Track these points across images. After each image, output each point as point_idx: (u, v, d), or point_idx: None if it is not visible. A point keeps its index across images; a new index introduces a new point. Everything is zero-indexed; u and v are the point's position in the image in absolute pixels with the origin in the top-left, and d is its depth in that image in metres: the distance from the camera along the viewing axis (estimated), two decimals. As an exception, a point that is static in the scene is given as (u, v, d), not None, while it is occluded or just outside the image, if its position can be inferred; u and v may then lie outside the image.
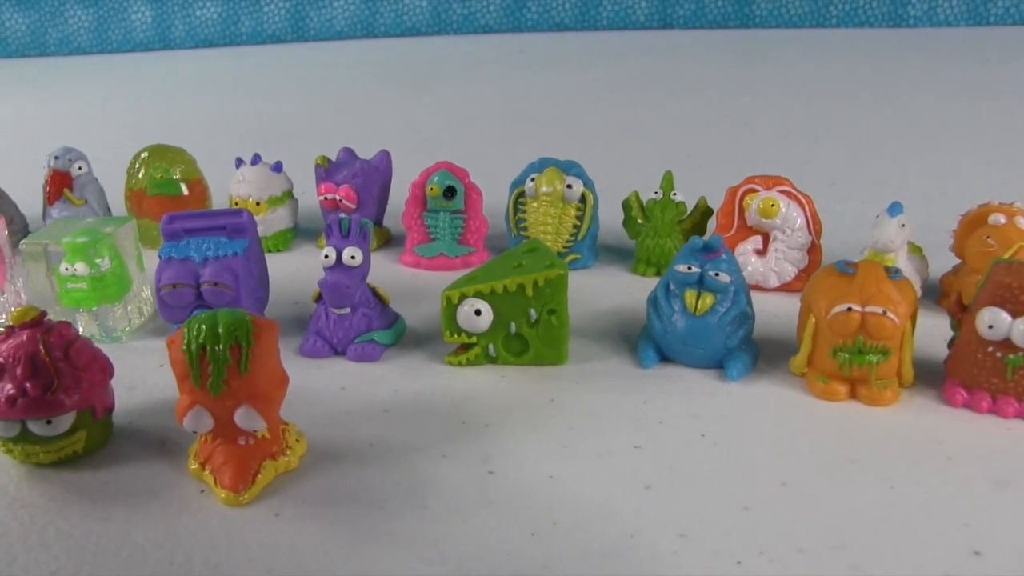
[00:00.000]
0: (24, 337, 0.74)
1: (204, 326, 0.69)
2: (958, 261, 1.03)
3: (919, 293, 1.00)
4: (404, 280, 1.14)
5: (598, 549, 0.64)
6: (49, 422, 0.74)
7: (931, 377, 0.85)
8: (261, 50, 3.25)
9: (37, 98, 2.71)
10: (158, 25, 3.28)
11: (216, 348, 0.68)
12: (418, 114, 2.26)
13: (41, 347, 0.74)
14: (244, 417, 0.70)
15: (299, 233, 1.30)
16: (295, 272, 1.17)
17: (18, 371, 0.73)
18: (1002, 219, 0.99)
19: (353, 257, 0.90)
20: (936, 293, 1.04)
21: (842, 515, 0.67)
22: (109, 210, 1.33)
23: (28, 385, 0.73)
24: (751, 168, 1.14)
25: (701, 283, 0.88)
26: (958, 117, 1.98)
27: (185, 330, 0.69)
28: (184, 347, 0.69)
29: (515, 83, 2.57)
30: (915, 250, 1.04)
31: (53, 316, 0.98)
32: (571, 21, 3.17)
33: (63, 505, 0.72)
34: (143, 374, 0.91)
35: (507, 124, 2.10)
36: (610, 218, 1.17)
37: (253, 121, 2.22)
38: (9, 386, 0.73)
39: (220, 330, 0.69)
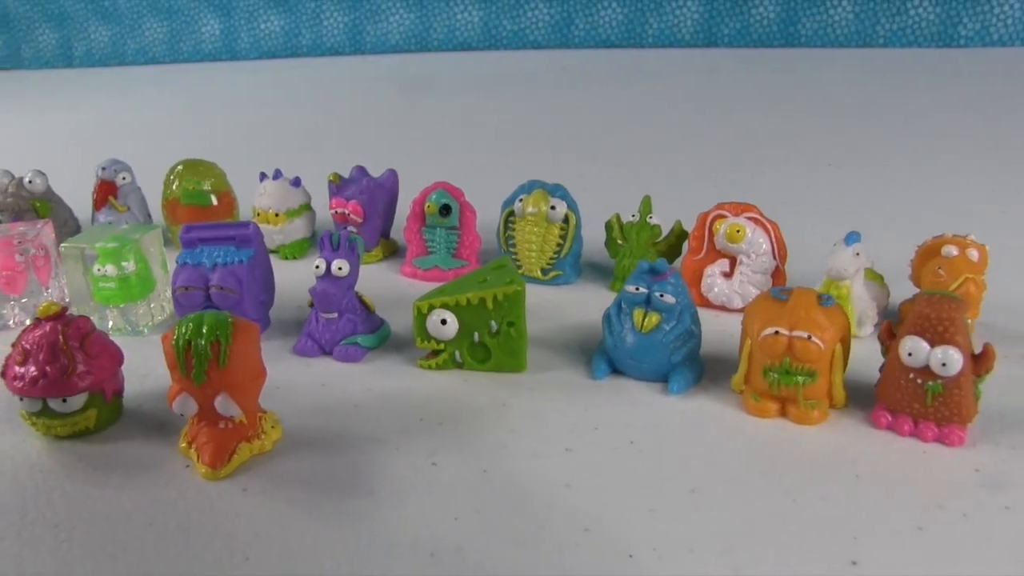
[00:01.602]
0: (47, 328, 0.87)
1: (191, 324, 0.80)
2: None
3: (875, 319, 1.07)
4: (401, 289, 1.24)
5: (510, 536, 0.73)
6: (65, 400, 0.86)
7: (868, 400, 0.91)
8: (320, 62, 3.41)
9: (114, 106, 2.90)
10: (225, 37, 3.46)
11: (199, 343, 0.79)
12: (450, 128, 2.37)
13: (60, 337, 0.86)
14: (222, 404, 0.81)
15: (315, 243, 1.41)
16: (306, 279, 1.27)
17: (40, 356, 0.86)
18: (954, 251, 1.04)
19: (340, 268, 1.01)
20: (896, 320, 1.10)
21: (737, 522, 0.74)
22: (150, 216, 1.47)
23: (48, 368, 0.85)
24: (769, 190, 1.19)
25: (648, 303, 0.96)
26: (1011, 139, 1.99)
27: (176, 327, 0.81)
28: (173, 342, 0.80)
29: (554, 99, 2.66)
30: (874, 277, 1.10)
31: (88, 311, 1.12)
32: (617, 38, 3.25)
33: (71, 472, 0.84)
34: (156, 365, 1.03)
35: (532, 141, 2.20)
36: (603, 237, 1.26)
37: (301, 131, 2.36)
38: (33, 369, 0.86)
39: (204, 328, 0.80)
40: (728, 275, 1.15)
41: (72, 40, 3.60)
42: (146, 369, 1.02)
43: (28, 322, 1.17)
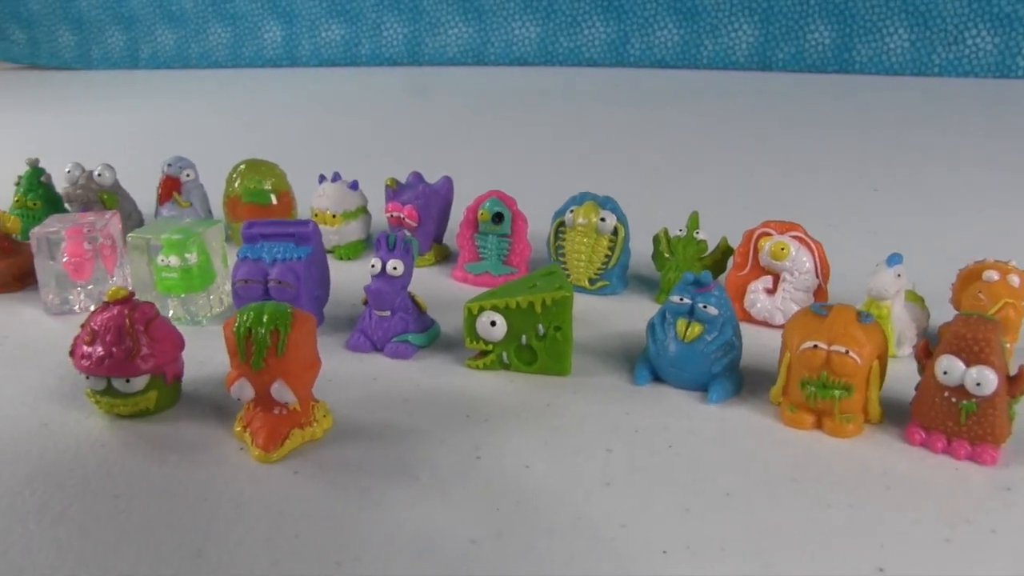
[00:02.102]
0: (115, 311, 0.92)
1: (252, 313, 0.84)
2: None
3: (914, 340, 1.09)
4: (452, 292, 1.28)
5: (549, 527, 0.76)
6: (128, 381, 0.91)
7: (903, 418, 0.92)
8: (378, 71, 3.48)
9: (176, 107, 2.99)
10: (287, 44, 3.55)
11: (259, 332, 0.83)
12: (504, 139, 2.41)
13: (127, 320, 0.91)
14: (277, 390, 0.85)
15: (370, 245, 1.46)
16: (361, 279, 1.31)
17: (107, 338, 0.90)
18: (995, 276, 1.06)
19: (395, 268, 1.05)
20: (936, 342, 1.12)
21: (769, 524, 0.77)
22: (211, 212, 1.52)
23: (114, 350, 0.90)
24: (815, 210, 1.20)
25: (692, 313, 0.99)
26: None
27: (237, 316, 0.85)
28: (234, 329, 0.84)
29: (607, 115, 2.69)
30: (915, 299, 1.12)
31: (149, 300, 1.17)
32: (673, 59, 3.28)
33: (132, 448, 0.89)
34: (214, 353, 1.08)
35: (584, 154, 2.23)
36: (650, 250, 1.29)
37: (358, 137, 2.42)
38: (100, 349, 0.90)
39: (264, 317, 0.84)
40: (771, 291, 1.17)
41: (139, 43, 3.71)
42: (204, 356, 1.07)
43: (92, 308, 1.23)
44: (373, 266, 1.06)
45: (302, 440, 0.88)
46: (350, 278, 1.31)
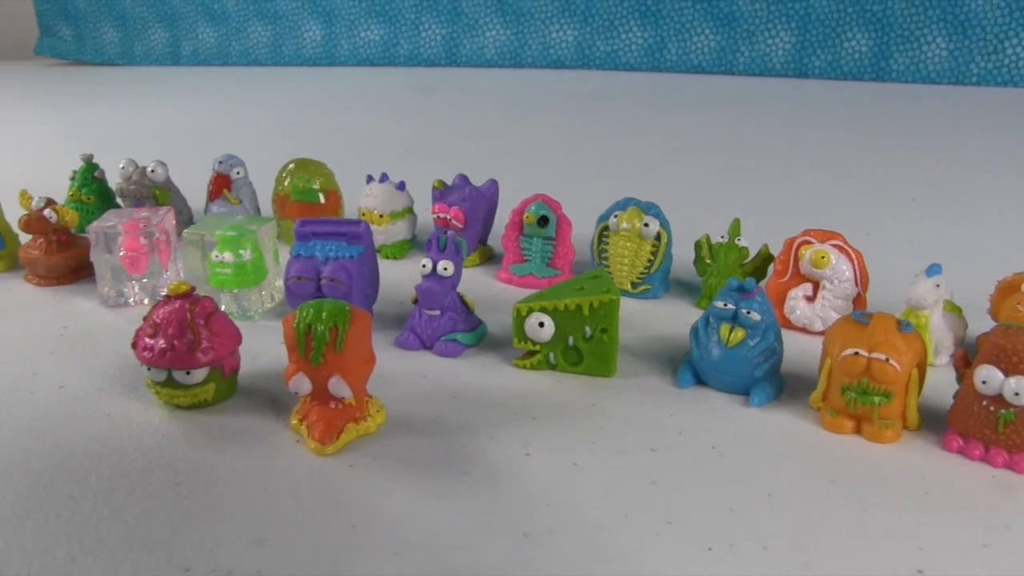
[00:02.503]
0: (176, 305, 0.95)
1: (311, 310, 0.88)
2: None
3: (951, 349, 1.10)
4: (496, 293, 1.31)
5: (599, 523, 0.79)
6: (188, 373, 0.94)
7: (940, 425, 0.94)
8: (416, 72, 3.51)
9: (215, 104, 3.04)
10: (326, 43, 3.59)
11: (318, 328, 0.86)
12: (542, 143, 2.43)
13: (188, 314, 0.95)
14: (335, 385, 0.88)
15: (416, 245, 1.49)
16: (407, 278, 1.35)
17: (169, 331, 0.94)
18: (1034, 287, 1.08)
19: (445, 269, 1.08)
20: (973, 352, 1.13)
21: (810, 524, 0.79)
22: (259, 209, 1.56)
23: (176, 342, 0.93)
24: (854, 220, 1.21)
25: (735, 319, 1.01)
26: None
27: (297, 312, 0.88)
28: (295, 324, 0.87)
29: (645, 120, 2.71)
30: (953, 309, 1.13)
31: (202, 294, 1.21)
32: (709, 65, 3.29)
33: (191, 438, 0.92)
34: (266, 348, 1.11)
35: (621, 159, 2.25)
36: (691, 256, 1.31)
37: (395, 138, 2.45)
38: (162, 342, 0.94)
39: (323, 314, 0.87)
40: (811, 299, 1.19)
41: (181, 40, 3.77)
42: (257, 351, 1.10)
43: (146, 301, 1.27)
44: (424, 266, 1.09)
45: (356, 434, 0.91)
46: (395, 277, 1.34)
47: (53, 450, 0.90)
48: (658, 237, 1.27)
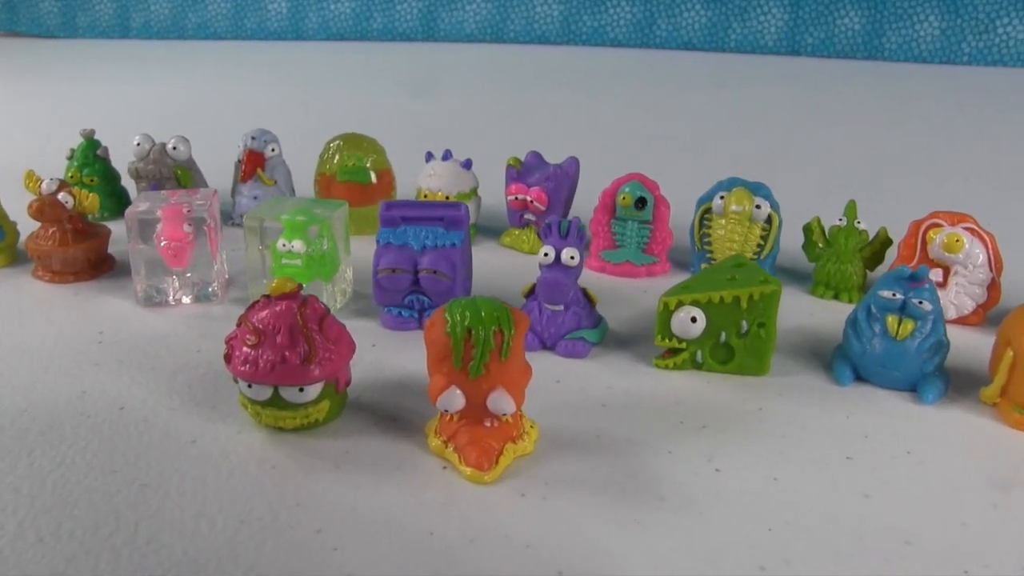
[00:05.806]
0: (282, 307, 0.78)
1: (467, 311, 0.72)
2: None
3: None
4: (588, 282, 1.16)
5: (833, 549, 0.67)
6: (302, 390, 0.78)
7: None
8: (390, 47, 3.32)
9: (170, 79, 2.81)
10: (292, 16, 3.37)
11: (479, 332, 0.71)
12: (524, 120, 2.29)
13: (299, 319, 0.78)
14: (497, 400, 0.73)
15: (479, 230, 1.33)
16: (479, 267, 1.20)
17: (279, 339, 0.77)
18: None
19: (572, 257, 0.93)
20: None
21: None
22: (294, 191, 1.38)
23: (287, 353, 0.77)
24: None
25: (903, 309, 0.89)
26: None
27: (447, 314, 0.73)
28: (449, 329, 0.72)
29: (634, 98, 2.59)
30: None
31: (260, 289, 1.04)
32: (699, 41, 3.18)
33: (311, 470, 0.76)
34: (359, 354, 0.94)
35: (611, 138, 2.12)
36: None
37: (374, 117, 2.27)
38: (269, 353, 0.77)
39: (483, 315, 0.72)
40: (942, 285, 1.08)
41: (131, 10, 3.51)
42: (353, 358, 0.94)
43: (188, 300, 1.09)
44: (546, 255, 0.94)
45: (515, 456, 0.77)
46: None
47: (139, 491, 0.73)
48: (768, 220, 1.14)
